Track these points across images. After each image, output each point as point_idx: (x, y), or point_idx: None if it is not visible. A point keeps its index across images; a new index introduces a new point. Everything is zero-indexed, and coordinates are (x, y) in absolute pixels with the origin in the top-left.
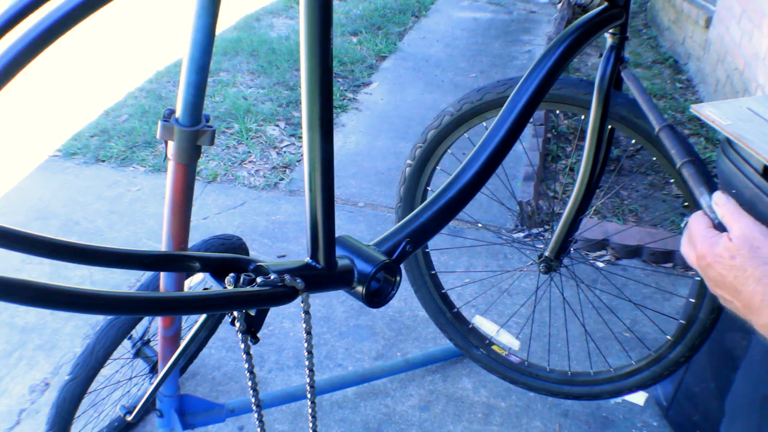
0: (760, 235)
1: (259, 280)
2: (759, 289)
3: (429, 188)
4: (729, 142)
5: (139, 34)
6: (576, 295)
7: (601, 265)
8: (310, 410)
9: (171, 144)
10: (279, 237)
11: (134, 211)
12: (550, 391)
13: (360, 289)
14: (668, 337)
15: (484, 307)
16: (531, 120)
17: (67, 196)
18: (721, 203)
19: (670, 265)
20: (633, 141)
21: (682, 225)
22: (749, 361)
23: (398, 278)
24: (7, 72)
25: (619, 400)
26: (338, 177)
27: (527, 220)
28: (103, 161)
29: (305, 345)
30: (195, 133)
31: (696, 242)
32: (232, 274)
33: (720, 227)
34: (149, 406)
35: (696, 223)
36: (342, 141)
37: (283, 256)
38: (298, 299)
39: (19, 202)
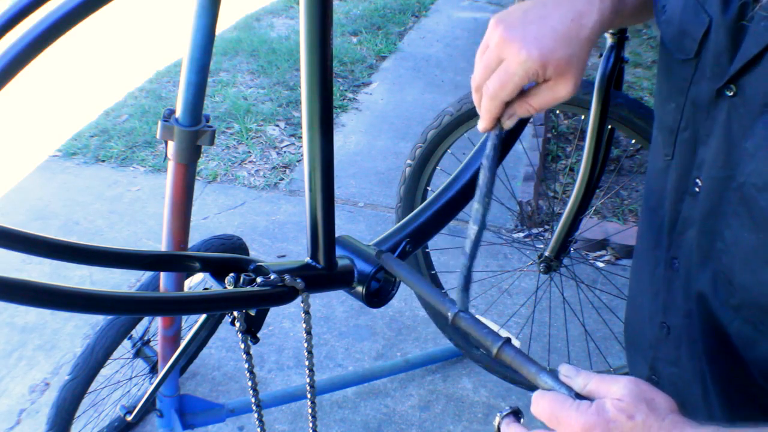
0: (648, 388)
1: (259, 280)
2: None
3: (429, 188)
4: None
5: (139, 34)
6: (576, 295)
7: (601, 265)
8: (310, 410)
9: (171, 144)
10: (279, 237)
11: (134, 211)
12: None
13: (360, 289)
14: None
15: (484, 307)
16: (531, 120)
17: (67, 196)
18: (573, 374)
19: None
20: (633, 141)
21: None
22: None
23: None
24: (7, 72)
25: None
26: (338, 177)
27: (527, 220)
28: (103, 161)
29: (305, 345)
30: (195, 133)
31: (569, 419)
32: (232, 274)
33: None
34: (149, 406)
35: (552, 401)
36: (342, 141)
37: (283, 256)
38: (298, 299)
39: (19, 202)
